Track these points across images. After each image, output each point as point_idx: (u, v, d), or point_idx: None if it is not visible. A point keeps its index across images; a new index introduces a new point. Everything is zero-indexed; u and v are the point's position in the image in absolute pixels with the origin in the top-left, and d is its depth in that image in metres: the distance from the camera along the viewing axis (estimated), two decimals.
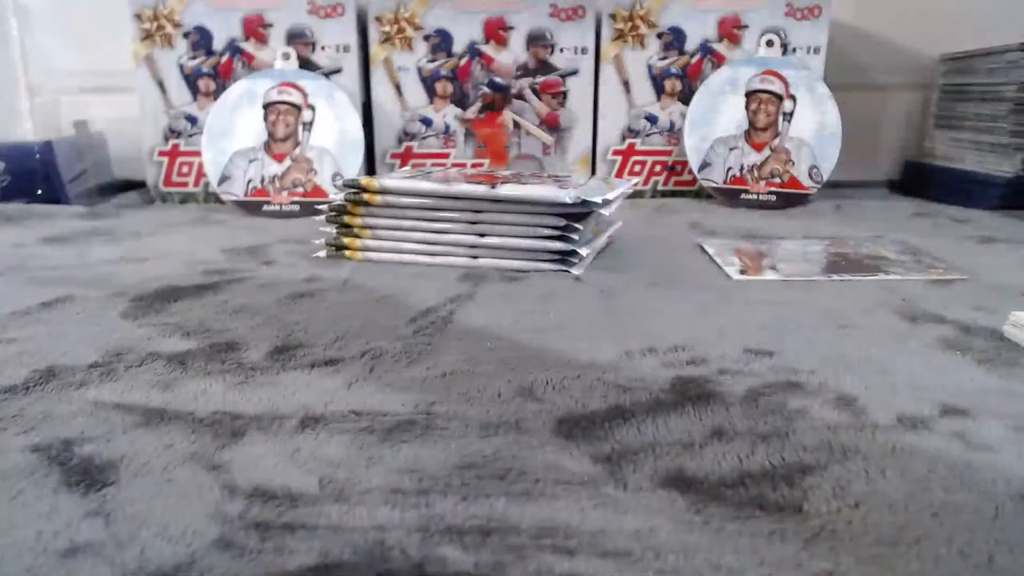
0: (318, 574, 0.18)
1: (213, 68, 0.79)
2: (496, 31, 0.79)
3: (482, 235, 0.50)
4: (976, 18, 0.85)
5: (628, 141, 0.83)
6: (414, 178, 0.52)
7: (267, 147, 0.75)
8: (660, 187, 0.83)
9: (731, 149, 0.77)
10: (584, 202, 0.48)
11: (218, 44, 0.79)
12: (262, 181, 0.74)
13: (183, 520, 0.20)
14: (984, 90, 0.77)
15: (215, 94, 0.79)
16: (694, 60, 0.82)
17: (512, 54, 0.79)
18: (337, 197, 0.53)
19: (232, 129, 0.75)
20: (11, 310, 0.40)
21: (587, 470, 0.23)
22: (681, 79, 0.82)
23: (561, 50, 0.80)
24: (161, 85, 0.80)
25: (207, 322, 0.38)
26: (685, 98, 0.82)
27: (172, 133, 0.80)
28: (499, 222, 0.50)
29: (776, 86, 0.77)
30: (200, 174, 0.80)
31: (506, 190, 0.49)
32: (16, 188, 0.72)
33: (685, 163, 0.81)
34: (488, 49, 0.79)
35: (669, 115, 0.82)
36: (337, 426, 0.26)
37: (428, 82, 0.79)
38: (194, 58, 0.79)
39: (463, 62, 0.79)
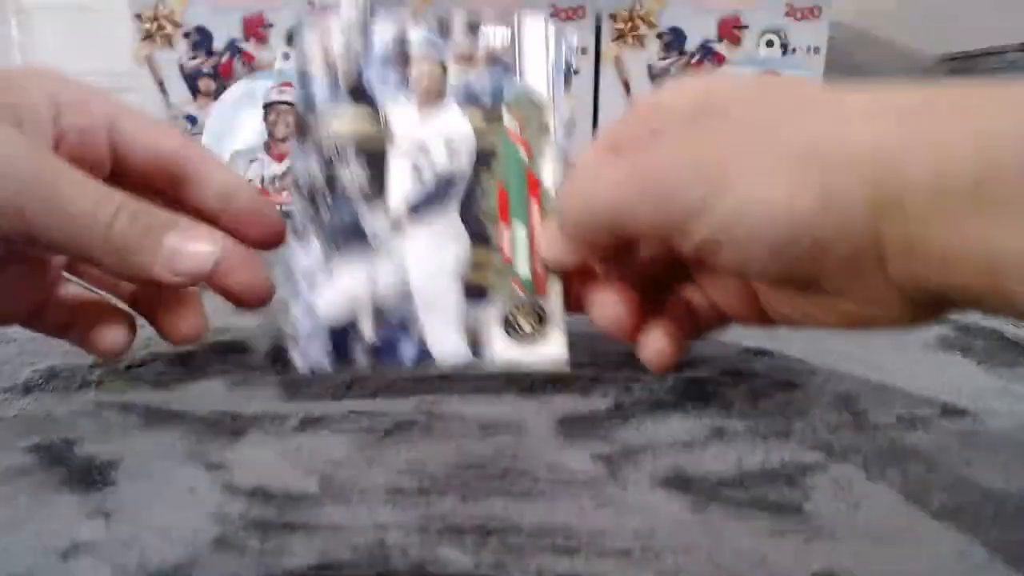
0: (318, 574, 0.18)
1: (213, 68, 0.79)
2: None
3: None
4: (976, 18, 0.85)
5: None
6: None
7: (267, 147, 0.75)
8: None
9: None
10: None
11: (218, 44, 0.79)
12: (262, 181, 0.74)
13: (183, 520, 0.20)
14: None
15: (215, 94, 0.79)
16: (694, 60, 0.82)
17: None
18: None
19: (232, 129, 0.75)
20: None
21: (587, 470, 0.23)
22: None
23: None
24: (161, 85, 0.80)
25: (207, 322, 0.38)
26: None
27: None
28: None
29: None
30: None
31: None
32: None
33: None
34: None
35: None
36: (337, 426, 0.26)
37: None
38: (194, 58, 0.79)
39: None
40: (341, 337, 0.28)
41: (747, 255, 0.21)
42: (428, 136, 0.29)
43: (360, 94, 0.30)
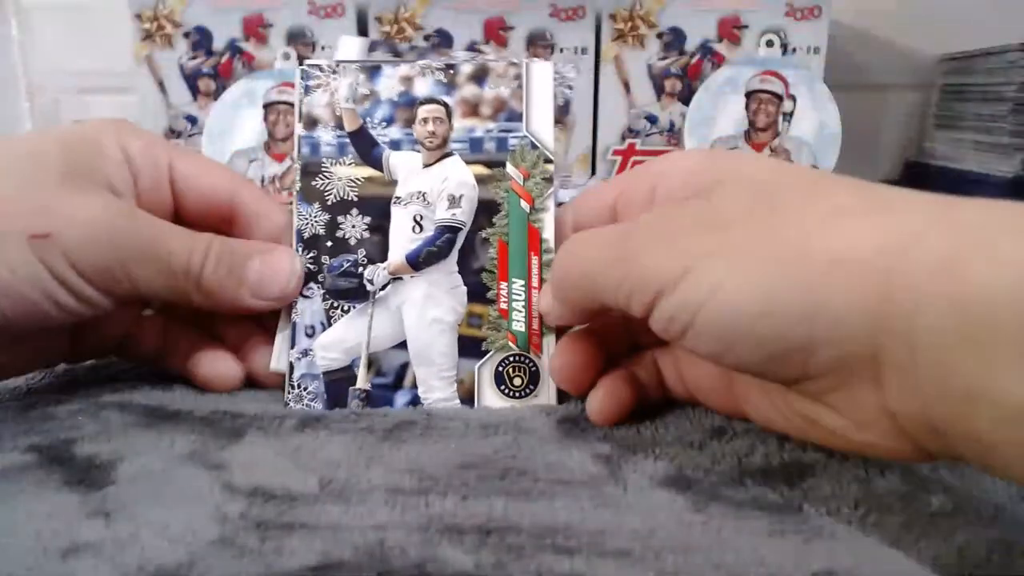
0: (318, 574, 0.18)
1: (213, 68, 0.79)
2: (496, 31, 0.79)
3: None
4: (976, 18, 0.85)
5: (628, 141, 0.83)
6: None
7: (267, 147, 0.75)
8: None
9: (731, 149, 0.77)
10: None
11: (218, 44, 0.79)
12: (262, 181, 0.74)
13: (183, 520, 0.20)
14: (984, 90, 0.77)
15: (215, 94, 0.79)
16: (694, 60, 0.82)
17: (512, 54, 0.79)
18: None
19: (232, 129, 0.75)
20: None
21: (587, 470, 0.23)
22: (681, 79, 0.82)
23: (561, 50, 0.80)
24: (161, 85, 0.80)
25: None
26: (685, 98, 0.82)
27: (172, 133, 0.80)
28: None
29: (776, 86, 0.78)
30: None
31: None
32: None
33: None
34: (488, 49, 0.79)
35: (669, 115, 0.82)
36: (337, 426, 0.26)
37: None
38: (194, 58, 0.79)
39: None
40: (336, 384, 0.28)
41: (717, 341, 0.20)
42: (430, 186, 0.29)
43: (364, 144, 0.30)
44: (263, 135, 0.75)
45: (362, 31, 0.79)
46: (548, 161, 0.29)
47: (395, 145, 0.30)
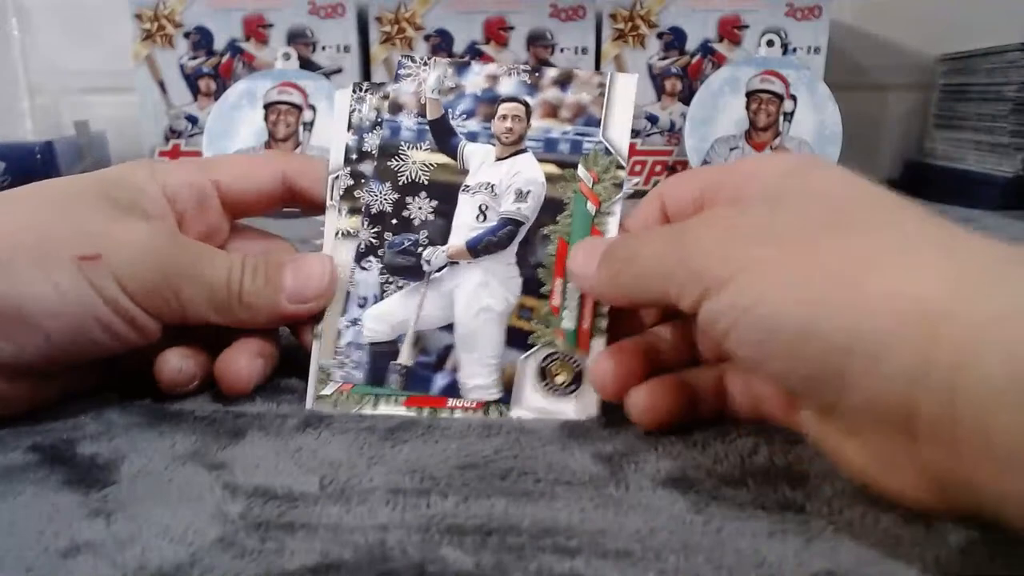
0: (318, 574, 0.18)
1: (214, 68, 0.79)
2: (496, 31, 0.79)
3: None
4: (976, 18, 0.85)
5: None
6: None
7: (267, 147, 0.75)
8: None
9: (732, 149, 0.77)
10: None
11: (219, 44, 0.79)
12: None
13: (184, 520, 0.20)
14: (984, 90, 0.77)
15: (215, 94, 0.79)
16: (694, 60, 0.81)
17: (512, 54, 0.79)
18: None
19: (232, 129, 0.75)
20: None
21: (588, 470, 0.23)
22: (681, 79, 0.82)
23: (561, 50, 0.80)
24: (161, 85, 0.80)
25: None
26: (685, 98, 0.82)
27: (173, 133, 0.80)
28: None
29: (776, 86, 0.77)
30: None
31: None
32: None
33: (685, 163, 0.81)
34: (488, 49, 0.79)
35: (669, 115, 0.82)
36: (338, 426, 0.26)
37: None
38: (195, 58, 0.79)
39: None
40: (379, 357, 0.28)
41: (755, 349, 0.20)
42: (500, 179, 0.30)
43: (442, 132, 0.31)
44: (263, 135, 0.75)
45: (363, 31, 0.79)
46: (620, 167, 0.30)
47: (472, 137, 0.31)
